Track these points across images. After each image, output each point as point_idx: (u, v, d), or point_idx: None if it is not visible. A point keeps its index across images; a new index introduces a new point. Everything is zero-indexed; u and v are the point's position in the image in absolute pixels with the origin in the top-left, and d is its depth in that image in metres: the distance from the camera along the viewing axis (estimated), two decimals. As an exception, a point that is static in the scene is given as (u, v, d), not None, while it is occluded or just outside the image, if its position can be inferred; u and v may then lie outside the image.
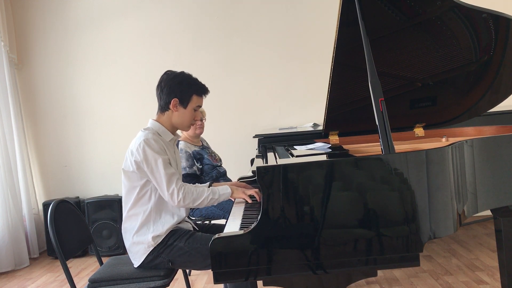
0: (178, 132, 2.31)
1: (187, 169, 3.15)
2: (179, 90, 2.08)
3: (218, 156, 3.44)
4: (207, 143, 3.53)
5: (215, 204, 2.08)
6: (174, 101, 2.08)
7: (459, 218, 1.68)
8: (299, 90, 4.42)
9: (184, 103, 2.10)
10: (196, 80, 2.14)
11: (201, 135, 3.41)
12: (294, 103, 4.43)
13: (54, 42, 4.53)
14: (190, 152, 3.22)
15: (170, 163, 2.03)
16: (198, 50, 4.46)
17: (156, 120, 2.14)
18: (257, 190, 2.14)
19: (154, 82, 2.17)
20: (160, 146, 2.02)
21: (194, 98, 2.11)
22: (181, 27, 4.47)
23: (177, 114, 2.11)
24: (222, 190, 2.06)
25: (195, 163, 3.22)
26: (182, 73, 2.13)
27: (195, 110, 2.13)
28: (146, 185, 2.04)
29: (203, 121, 3.38)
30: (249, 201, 2.06)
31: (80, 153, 4.58)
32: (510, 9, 2.57)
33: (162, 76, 2.14)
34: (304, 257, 1.50)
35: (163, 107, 2.12)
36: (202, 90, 2.15)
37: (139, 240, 2.04)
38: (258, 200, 2.08)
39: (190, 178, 3.14)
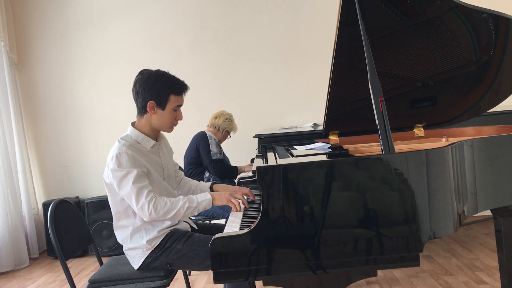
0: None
1: (218, 154, 3.39)
2: (155, 91, 1.94)
3: (227, 157, 3.57)
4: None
5: (195, 214, 1.96)
6: (151, 103, 1.95)
7: (459, 218, 1.68)
8: (299, 90, 4.43)
9: (161, 104, 1.96)
10: (172, 78, 1.99)
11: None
12: (294, 103, 4.44)
13: (54, 42, 4.53)
14: (217, 141, 3.51)
15: (145, 175, 1.91)
16: (198, 50, 4.47)
17: (136, 126, 2.03)
18: (244, 191, 2.09)
19: (154, 82, 2.14)
20: (133, 160, 1.90)
21: (172, 98, 1.97)
22: (181, 27, 4.47)
23: (156, 116, 1.98)
24: (201, 198, 1.93)
25: (222, 151, 3.52)
26: (157, 71, 1.99)
27: (175, 110, 2.00)
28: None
29: (229, 136, 3.67)
30: (234, 208, 1.94)
31: (80, 153, 4.59)
32: (510, 9, 2.57)
33: (136, 76, 2.01)
34: (304, 257, 1.50)
35: (141, 110, 2.00)
36: (179, 88, 1.99)
37: (134, 246, 2.02)
38: (253, 198, 2.07)
39: (223, 163, 3.40)
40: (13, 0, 4.50)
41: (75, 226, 2.25)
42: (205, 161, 3.38)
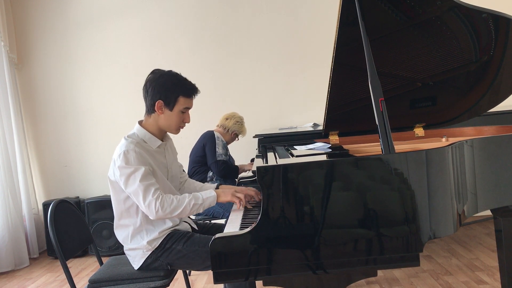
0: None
1: (223, 156, 3.41)
2: (164, 91, 1.95)
3: (232, 159, 3.59)
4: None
5: (201, 211, 1.96)
6: (159, 103, 1.96)
7: (459, 218, 1.68)
8: (299, 90, 4.43)
9: (170, 105, 1.96)
10: (183, 80, 2.00)
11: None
12: (294, 103, 4.44)
13: (54, 42, 4.53)
14: (225, 141, 3.53)
15: (152, 173, 1.92)
16: (198, 50, 4.47)
17: (143, 125, 2.03)
18: (246, 191, 2.08)
19: (154, 82, 2.14)
20: (141, 158, 1.91)
21: (181, 100, 1.97)
22: (181, 27, 4.47)
23: (163, 116, 1.98)
24: (206, 195, 1.94)
25: (228, 153, 3.54)
26: (169, 72, 2.00)
27: (183, 112, 2.00)
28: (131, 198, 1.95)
29: (237, 139, 3.71)
30: (238, 204, 1.95)
31: (80, 153, 4.59)
32: (510, 9, 2.57)
33: (148, 75, 2.02)
34: (304, 257, 1.50)
35: (149, 109, 2.00)
36: (189, 91, 1.99)
37: (134, 247, 2.02)
38: (257, 200, 2.07)
39: (226, 164, 3.41)
40: (13, 0, 4.50)
41: (75, 226, 2.25)
42: (209, 160, 3.40)
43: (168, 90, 1.96)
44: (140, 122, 2.06)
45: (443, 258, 3.25)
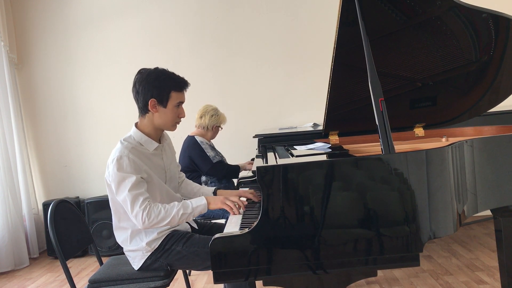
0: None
1: (216, 157, 3.35)
2: (155, 88, 1.91)
3: (223, 156, 3.52)
4: (211, 142, 3.59)
5: (191, 219, 1.92)
6: (152, 101, 1.92)
7: (459, 218, 1.68)
8: (299, 90, 4.43)
9: (163, 102, 1.93)
10: (172, 74, 1.96)
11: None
12: (294, 103, 4.44)
13: (54, 42, 4.53)
14: (210, 143, 3.45)
15: (144, 182, 1.89)
16: (198, 49, 4.47)
17: (138, 127, 2.00)
18: (243, 192, 2.09)
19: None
20: (134, 165, 1.88)
21: (173, 95, 1.94)
22: (181, 27, 4.47)
23: (158, 115, 1.95)
24: (196, 203, 1.91)
25: (218, 152, 3.46)
26: (156, 69, 1.97)
27: (177, 107, 1.97)
28: None
29: (220, 129, 3.55)
30: (231, 211, 1.92)
31: (80, 153, 4.59)
32: (510, 9, 2.57)
33: (135, 76, 1.99)
34: (304, 257, 1.50)
35: (143, 110, 1.97)
36: (180, 84, 1.96)
37: (134, 248, 2.02)
38: (256, 200, 2.07)
39: (224, 163, 3.39)
40: (13, 0, 4.50)
41: (75, 226, 2.25)
42: (205, 168, 3.30)
43: (159, 87, 1.92)
44: (136, 124, 2.04)
45: (443, 258, 3.25)
